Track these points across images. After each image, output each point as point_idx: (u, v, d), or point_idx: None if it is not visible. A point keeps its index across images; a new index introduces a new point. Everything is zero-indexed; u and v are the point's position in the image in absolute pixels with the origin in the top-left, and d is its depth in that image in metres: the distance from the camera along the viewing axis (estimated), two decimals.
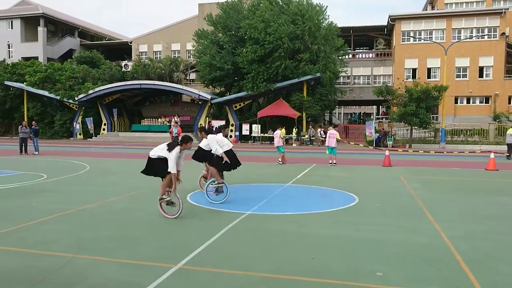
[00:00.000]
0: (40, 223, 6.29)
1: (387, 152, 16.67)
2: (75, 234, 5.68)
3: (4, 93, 41.02)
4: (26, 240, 5.36)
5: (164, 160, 6.68)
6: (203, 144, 8.78)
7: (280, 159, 16.85)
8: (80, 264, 4.47)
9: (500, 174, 13.70)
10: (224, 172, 8.81)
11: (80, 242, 5.31)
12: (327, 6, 34.35)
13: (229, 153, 8.24)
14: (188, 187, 9.90)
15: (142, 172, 7.20)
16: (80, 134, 39.27)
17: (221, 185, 8.20)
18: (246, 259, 4.71)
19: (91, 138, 38.04)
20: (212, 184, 8.25)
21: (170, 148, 6.70)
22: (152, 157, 6.98)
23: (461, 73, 37.40)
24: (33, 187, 9.97)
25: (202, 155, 8.90)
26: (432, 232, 5.97)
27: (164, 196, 6.80)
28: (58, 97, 38.56)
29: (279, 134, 17.61)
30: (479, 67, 36.87)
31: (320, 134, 31.43)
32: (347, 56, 38.88)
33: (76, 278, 4.09)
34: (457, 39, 36.13)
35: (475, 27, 37.09)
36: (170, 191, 6.70)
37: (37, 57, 47.52)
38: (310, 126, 33.19)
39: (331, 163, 15.89)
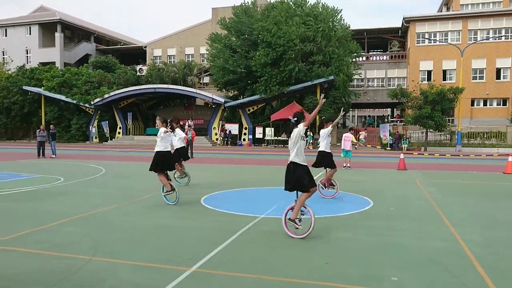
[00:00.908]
0: (58, 226, 6.40)
1: (402, 155, 16.50)
2: (92, 237, 5.76)
3: (23, 98, 41.92)
4: (44, 242, 5.46)
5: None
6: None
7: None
8: (97, 267, 4.54)
9: None
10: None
11: (96, 244, 5.39)
12: (341, 9, 34.25)
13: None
14: (204, 190, 9.95)
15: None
16: (96, 137, 39.87)
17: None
18: (261, 263, 4.71)
19: (107, 141, 38.56)
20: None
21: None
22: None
23: (478, 75, 36.83)
24: (51, 190, 10.14)
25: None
26: (449, 236, 5.89)
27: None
28: (74, 101, 39.25)
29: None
30: (496, 68, 36.28)
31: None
32: (360, 59, 38.67)
33: (94, 280, 4.15)
34: (473, 40, 35.62)
35: (491, 28, 36.54)
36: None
37: (54, 62, 48.46)
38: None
39: (345, 167, 15.77)
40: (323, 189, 9.29)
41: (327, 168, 9.45)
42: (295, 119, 5.85)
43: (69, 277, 4.21)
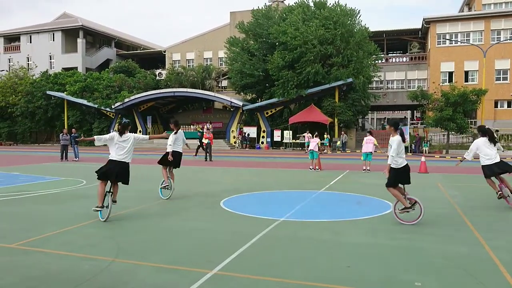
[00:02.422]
0: (81, 228, 6.53)
1: (423, 158, 16.23)
2: (114, 239, 5.85)
3: (46, 102, 42.99)
4: (68, 244, 5.57)
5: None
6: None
7: (314, 166, 16.46)
8: (119, 268, 4.61)
9: None
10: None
11: (119, 246, 5.48)
12: (359, 10, 34.01)
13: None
14: (223, 193, 10.00)
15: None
16: None
17: None
18: (281, 266, 4.70)
19: None
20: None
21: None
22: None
23: (501, 76, 35.97)
24: (74, 192, 10.35)
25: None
26: (473, 241, 5.76)
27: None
28: (96, 106, 40.01)
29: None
30: None
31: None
32: (380, 61, 38.27)
33: (116, 282, 4.22)
34: (497, 40, 34.83)
35: None
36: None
37: (77, 67, 49.56)
38: (343, 132, 32.78)
39: (364, 170, 15.62)
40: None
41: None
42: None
43: (92, 279, 4.29)
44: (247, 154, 28.09)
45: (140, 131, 39.97)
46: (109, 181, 7.19)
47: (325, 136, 32.21)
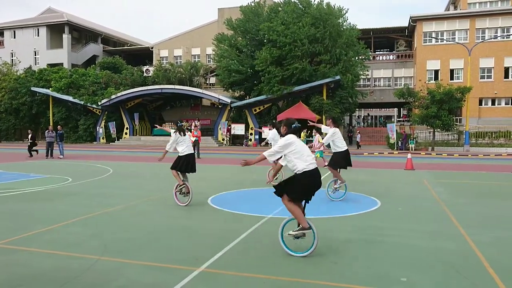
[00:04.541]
0: (67, 226, 6.45)
1: (409, 155, 16.42)
2: (100, 237, 5.80)
3: (31, 99, 42.30)
4: (54, 242, 5.50)
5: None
6: None
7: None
8: (105, 266, 4.57)
9: None
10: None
11: (105, 244, 5.42)
12: (348, 9, 34.14)
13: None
14: (211, 190, 9.99)
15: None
16: (103, 138, 40.10)
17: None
18: (269, 263, 4.71)
19: (114, 142, 38.76)
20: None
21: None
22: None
23: (486, 74, 36.54)
24: (59, 190, 10.22)
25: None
26: (458, 237, 5.85)
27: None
28: (82, 102, 39.52)
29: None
30: (505, 67, 35.97)
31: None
32: (367, 59, 38.52)
33: (102, 280, 4.18)
34: (481, 39, 35.34)
35: (500, 27, 36.25)
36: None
37: (62, 63, 48.85)
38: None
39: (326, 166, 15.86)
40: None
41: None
42: None
43: (78, 277, 4.24)
44: (235, 152, 28.06)
45: (127, 128, 39.63)
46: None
47: (313, 133, 32.39)
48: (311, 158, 5.02)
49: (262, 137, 34.46)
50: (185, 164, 8.29)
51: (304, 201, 5.16)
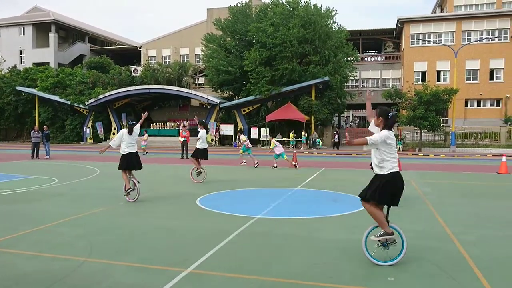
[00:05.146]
0: (52, 227, 6.36)
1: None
2: (87, 238, 5.73)
3: (16, 98, 41.68)
4: (39, 244, 5.42)
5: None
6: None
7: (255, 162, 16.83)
8: (91, 268, 4.51)
9: None
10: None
11: (91, 245, 5.36)
12: (336, 11, 34.32)
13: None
14: (199, 191, 9.95)
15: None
16: (90, 138, 39.68)
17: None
18: (258, 264, 4.71)
19: (101, 142, 38.39)
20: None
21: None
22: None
23: (471, 76, 37.10)
24: (45, 191, 10.08)
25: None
26: (444, 236, 5.92)
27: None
28: (68, 102, 39.05)
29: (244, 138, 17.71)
30: (490, 69, 36.56)
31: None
32: (356, 61, 38.82)
33: (89, 282, 4.13)
34: (467, 41, 35.87)
35: (485, 29, 36.82)
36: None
37: (48, 62, 48.24)
38: (313, 131, 33.00)
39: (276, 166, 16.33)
40: None
41: None
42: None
43: (63, 279, 4.18)
44: (224, 152, 28.00)
45: (114, 128, 39.27)
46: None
47: (302, 134, 32.50)
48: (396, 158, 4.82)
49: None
50: (128, 162, 8.64)
51: (387, 206, 4.78)
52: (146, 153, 23.97)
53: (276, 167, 16.35)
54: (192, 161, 12.03)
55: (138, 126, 8.91)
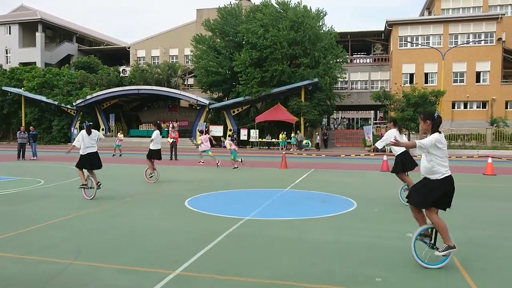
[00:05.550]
0: (38, 229, 6.26)
1: (385, 157, 16.69)
2: (74, 240, 5.65)
3: (2, 99, 41.04)
4: (24, 247, 5.33)
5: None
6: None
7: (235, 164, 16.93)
8: (78, 270, 4.45)
9: (498, 179, 13.73)
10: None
11: (78, 247, 5.29)
12: (326, 12, 34.48)
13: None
14: (188, 192, 9.90)
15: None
16: None
17: None
18: (246, 265, 4.69)
19: None
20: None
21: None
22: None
23: (458, 78, 37.59)
24: (31, 192, 9.93)
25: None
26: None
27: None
28: (55, 103, 38.54)
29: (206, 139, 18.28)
30: (476, 72, 37.08)
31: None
32: (345, 63, 39.07)
33: (75, 284, 4.07)
34: (454, 44, 36.35)
35: (472, 33, 37.34)
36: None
37: (35, 62, 47.58)
38: (298, 132, 33.01)
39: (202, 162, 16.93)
40: None
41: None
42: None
43: (50, 281, 4.12)
44: (213, 153, 27.86)
45: (102, 129, 38.88)
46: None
47: (292, 135, 32.59)
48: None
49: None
50: (87, 162, 9.01)
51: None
52: (120, 155, 23.80)
53: (237, 167, 16.65)
54: (147, 162, 12.25)
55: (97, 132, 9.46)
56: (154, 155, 12.08)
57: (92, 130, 9.21)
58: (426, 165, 4.70)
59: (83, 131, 9.13)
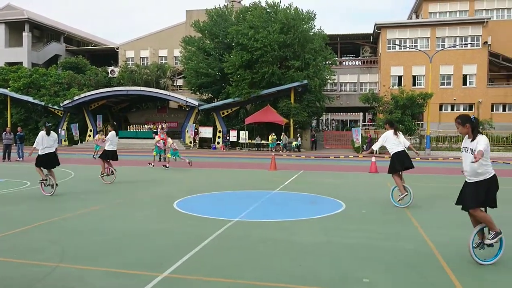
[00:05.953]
0: (24, 232, 6.17)
1: (373, 159, 16.82)
2: (59, 243, 5.58)
3: None
4: (9, 250, 5.25)
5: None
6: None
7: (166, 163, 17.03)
8: (64, 274, 4.39)
9: None
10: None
11: (64, 250, 5.22)
12: (315, 14, 34.63)
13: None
14: (176, 194, 9.85)
15: None
16: (65, 140, 38.73)
17: None
18: (234, 267, 4.68)
19: (76, 144, 37.58)
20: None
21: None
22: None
23: (446, 81, 38.09)
24: (17, 194, 9.79)
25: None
26: (418, 238, 6.02)
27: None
28: (42, 103, 38.06)
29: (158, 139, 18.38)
30: (463, 75, 37.62)
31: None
32: (334, 65, 39.31)
33: (61, 287, 4.02)
34: (441, 47, 36.82)
35: (458, 36, 37.88)
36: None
37: (22, 62, 46.95)
38: (283, 134, 32.94)
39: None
40: None
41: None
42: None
43: (35, 285, 4.05)
44: (203, 155, 27.85)
45: (90, 130, 38.52)
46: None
47: (282, 136, 32.64)
48: None
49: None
50: (45, 162, 9.51)
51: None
52: (94, 157, 23.50)
53: (168, 167, 16.67)
54: (100, 162, 12.40)
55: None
56: (110, 155, 12.19)
57: (52, 132, 9.74)
58: (476, 168, 4.79)
59: (43, 132, 9.55)
